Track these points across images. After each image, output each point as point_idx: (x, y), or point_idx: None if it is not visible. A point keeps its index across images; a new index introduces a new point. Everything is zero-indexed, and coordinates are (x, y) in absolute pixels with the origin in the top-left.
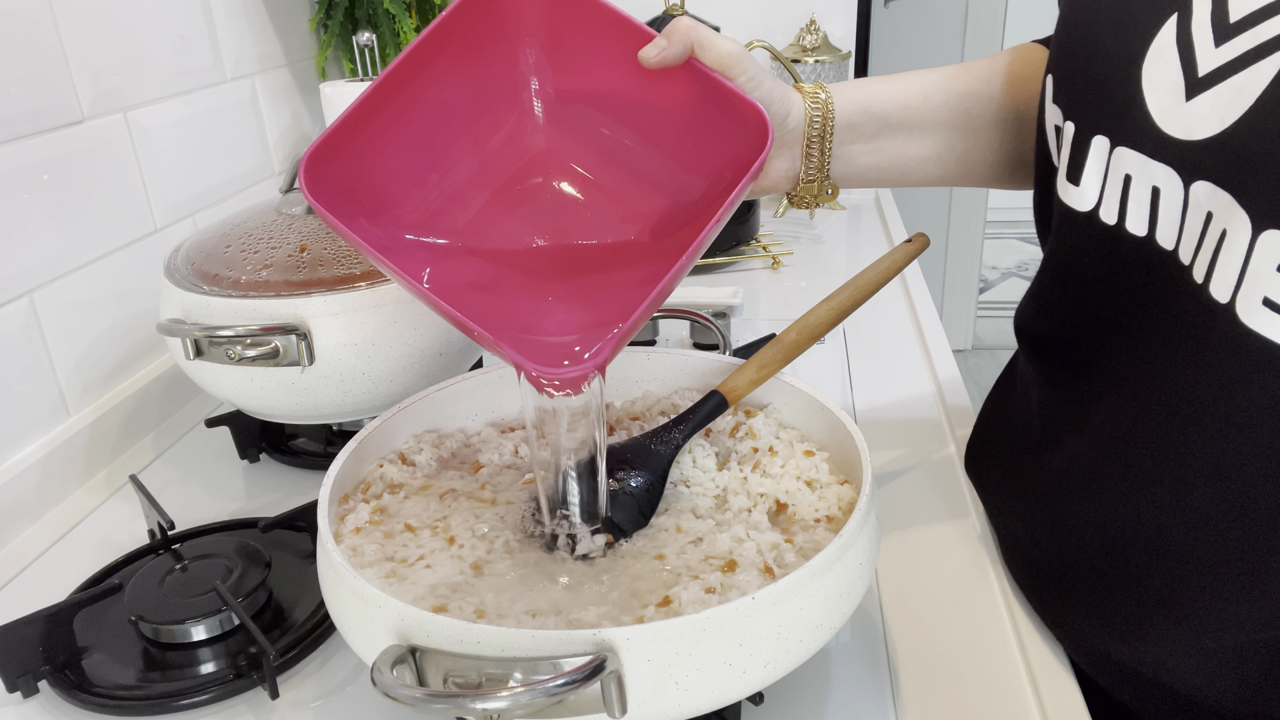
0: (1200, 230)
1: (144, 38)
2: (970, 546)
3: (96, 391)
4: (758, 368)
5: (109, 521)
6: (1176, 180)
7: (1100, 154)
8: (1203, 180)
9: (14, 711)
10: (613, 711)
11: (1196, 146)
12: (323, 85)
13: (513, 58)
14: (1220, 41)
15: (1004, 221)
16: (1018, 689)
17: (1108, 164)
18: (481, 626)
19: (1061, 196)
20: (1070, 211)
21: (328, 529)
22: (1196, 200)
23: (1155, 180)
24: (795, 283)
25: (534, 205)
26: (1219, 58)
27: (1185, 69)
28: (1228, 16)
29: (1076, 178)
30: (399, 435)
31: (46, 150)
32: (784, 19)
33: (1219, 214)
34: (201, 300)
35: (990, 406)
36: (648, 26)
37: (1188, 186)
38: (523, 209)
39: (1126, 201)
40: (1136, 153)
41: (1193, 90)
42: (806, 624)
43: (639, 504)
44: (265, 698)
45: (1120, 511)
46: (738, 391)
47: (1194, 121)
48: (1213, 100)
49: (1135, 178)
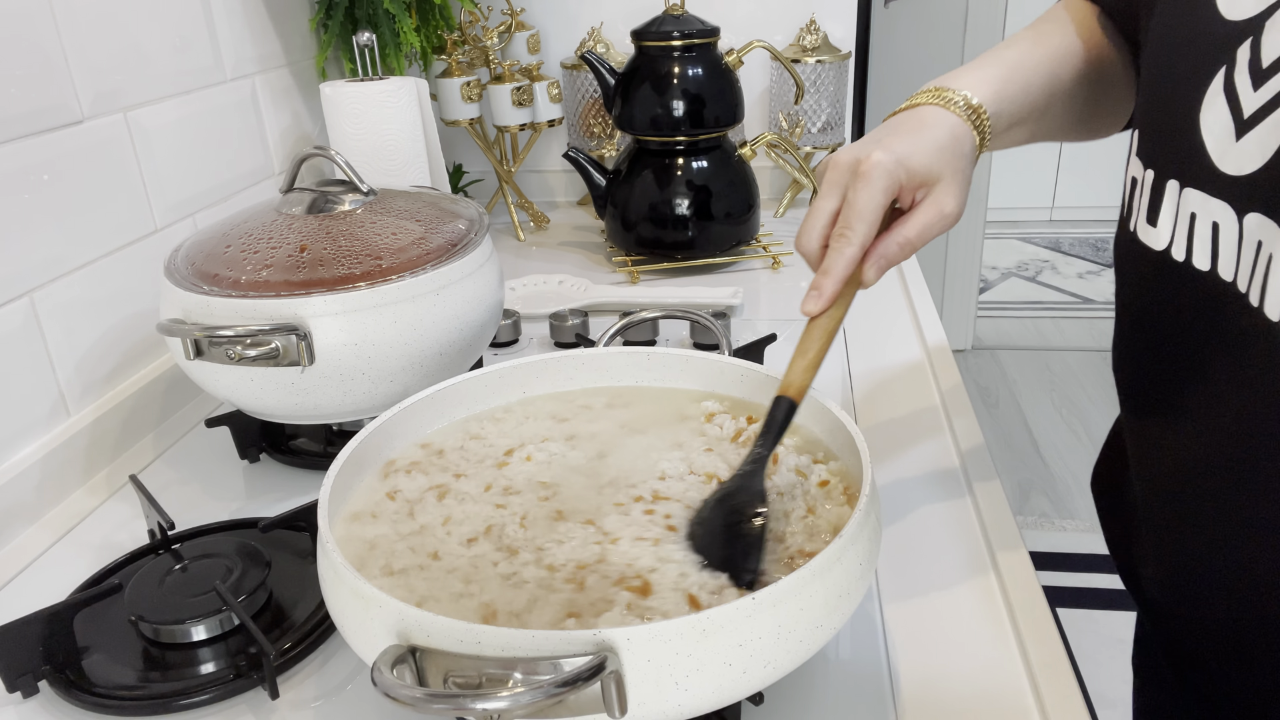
0: (1253, 258)
1: (144, 38)
2: (970, 546)
3: (96, 391)
4: (803, 354)
5: (109, 521)
6: (1231, 214)
7: (1173, 196)
8: (1254, 211)
9: (14, 711)
10: (613, 711)
11: (1246, 181)
12: (323, 85)
13: None
14: (1258, 85)
15: (1004, 221)
16: (1018, 689)
17: (1178, 205)
18: (482, 627)
19: (1140, 237)
20: (1147, 252)
21: (328, 529)
22: (1250, 231)
23: (1214, 216)
24: (795, 283)
25: None
26: (1259, 100)
27: (1233, 112)
28: (1261, 62)
29: (1155, 219)
30: (399, 435)
31: (46, 150)
32: (784, 19)
33: (1267, 241)
34: (201, 300)
35: (1113, 434)
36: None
37: (1241, 219)
38: None
39: (1192, 239)
40: (1200, 192)
41: (1241, 131)
42: (806, 624)
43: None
44: (265, 698)
45: (1199, 540)
46: (797, 386)
47: (1243, 159)
48: (1257, 138)
49: (1199, 215)
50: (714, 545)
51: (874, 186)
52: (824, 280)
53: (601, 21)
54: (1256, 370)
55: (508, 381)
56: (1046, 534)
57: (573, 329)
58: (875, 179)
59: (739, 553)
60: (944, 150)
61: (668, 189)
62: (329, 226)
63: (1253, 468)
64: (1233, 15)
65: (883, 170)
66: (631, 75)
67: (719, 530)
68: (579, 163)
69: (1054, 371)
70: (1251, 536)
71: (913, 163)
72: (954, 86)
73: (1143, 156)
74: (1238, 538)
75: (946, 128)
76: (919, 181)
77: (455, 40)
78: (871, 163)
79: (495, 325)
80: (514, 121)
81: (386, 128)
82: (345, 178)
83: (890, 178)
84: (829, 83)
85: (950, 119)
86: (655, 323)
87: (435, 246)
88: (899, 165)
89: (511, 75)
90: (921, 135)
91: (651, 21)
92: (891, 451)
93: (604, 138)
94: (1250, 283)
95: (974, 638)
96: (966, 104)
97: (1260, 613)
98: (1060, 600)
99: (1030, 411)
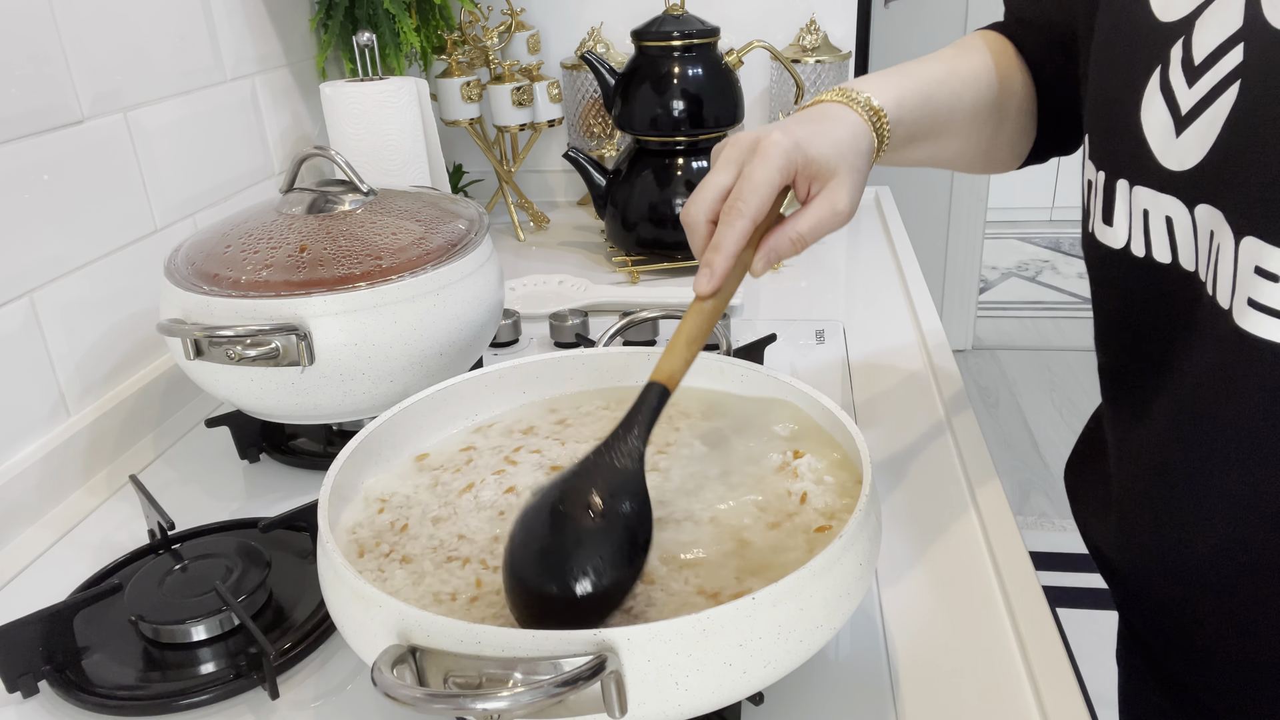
0: (1208, 247)
1: (144, 38)
2: (970, 546)
3: (96, 391)
4: (685, 344)
5: (109, 521)
6: (1182, 207)
7: (1124, 195)
8: (1202, 203)
9: (14, 711)
10: (613, 711)
11: (1189, 175)
12: (323, 85)
13: None
14: (1192, 82)
15: (1004, 221)
16: (1018, 689)
17: (1130, 202)
18: (482, 627)
19: (1099, 237)
20: (1107, 251)
21: (328, 529)
22: (1202, 222)
23: (1166, 211)
24: (795, 283)
25: None
26: (1194, 96)
27: (1171, 110)
28: (1194, 60)
29: (1110, 218)
30: (400, 435)
31: (46, 150)
32: (784, 19)
33: (1216, 230)
34: (201, 300)
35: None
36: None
37: (1192, 211)
38: None
39: (1149, 233)
40: (1148, 189)
41: (1180, 127)
42: (806, 624)
43: (634, 537)
44: (265, 698)
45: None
46: (676, 376)
47: (1185, 154)
48: (1195, 133)
49: (1151, 211)
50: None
51: (770, 164)
52: (715, 257)
53: (601, 21)
54: (1212, 355)
55: (508, 381)
56: (1046, 534)
57: (573, 329)
58: (773, 157)
59: (605, 547)
60: (843, 145)
61: (668, 189)
62: (329, 226)
63: (1211, 450)
64: (1165, 16)
65: (781, 150)
66: (631, 75)
67: (602, 520)
68: (579, 163)
69: (1054, 371)
70: (1214, 507)
71: (811, 149)
72: (859, 88)
73: (1094, 159)
74: (1202, 509)
75: (848, 124)
76: (815, 170)
77: (455, 40)
78: (770, 141)
79: (495, 325)
80: (514, 121)
81: (386, 128)
82: (345, 178)
83: (787, 158)
84: (829, 83)
85: (852, 116)
86: (655, 323)
87: (435, 246)
88: (797, 148)
89: (511, 75)
90: (823, 126)
91: (651, 21)
92: (891, 451)
93: (604, 138)
94: (1207, 271)
95: (974, 637)
96: (868, 105)
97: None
98: (1060, 600)
99: (1030, 411)
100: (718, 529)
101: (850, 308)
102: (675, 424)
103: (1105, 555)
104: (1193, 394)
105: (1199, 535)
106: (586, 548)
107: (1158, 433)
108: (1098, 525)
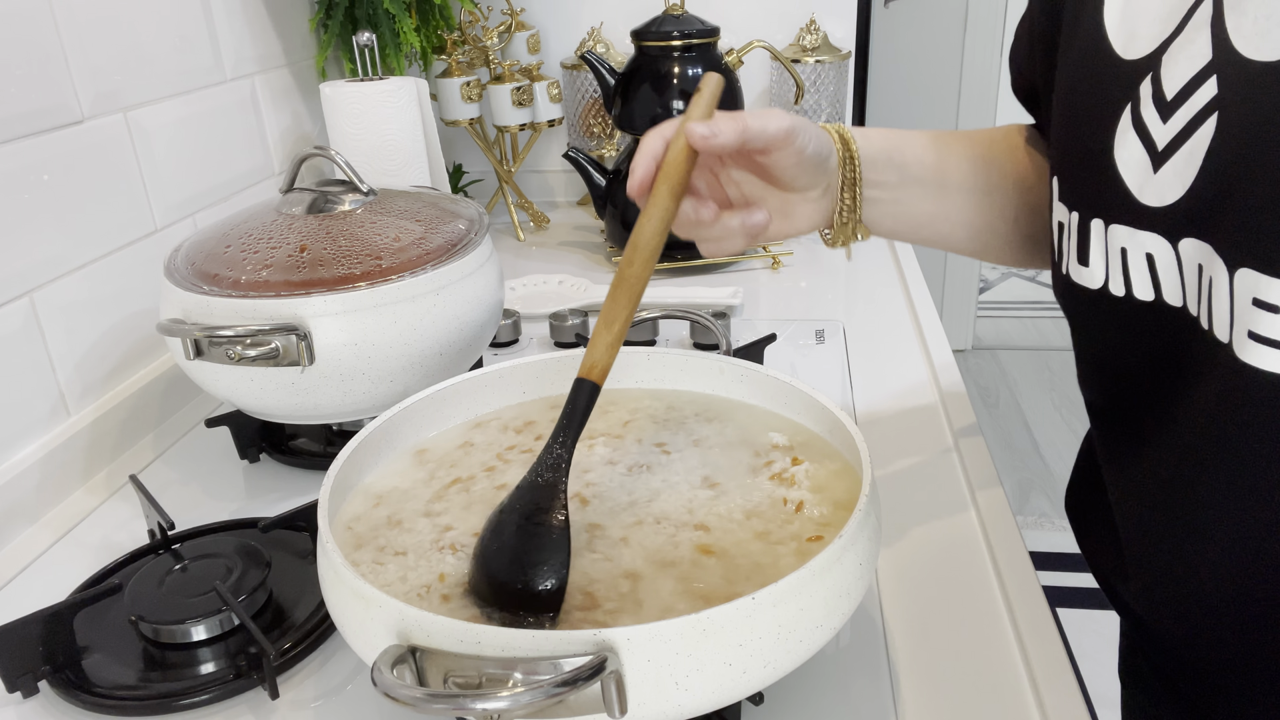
0: (1197, 281)
1: (144, 38)
2: (970, 546)
3: (96, 391)
4: (605, 326)
5: (109, 521)
6: (1164, 243)
7: (1099, 234)
8: (1188, 237)
9: (14, 711)
10: (613, 711)
11: (1170, 210)
12: (323, 85)
13: None
14: (1166, 117)
15: None
16: (1018, 689)
17: (1106, 241)
18: (481, 627)
19: (1075, 279)
20: (1084, 292)
21: (328, 529)
22: (1188, 255)
23: (1147, 247)
24: (795, 283)
25: None
26: (1170, 131)
27: (1147, 147)
28: (1165, 95)
29: (1085, 259)
30: (400, 435)
31: (46, 150)
32: (784, 19)
33: (1206, 263)
34: (201, 300)
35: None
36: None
37: (1175, 246)
38: None
39: (1128, 272)
40: (1126, 227)
41: (1157, 163)
42: (806, 624)
43: (546, 544)
44: (265, 698)
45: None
46: (600, 366)
47: (1164, 190)
48: (1174, 168)
49: (1130, 249)
50: (511, 552)
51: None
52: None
53: (601, 21)
54: (1212, 391)
55: (508, 381)
56: (1046, 534)
57: (573, 329)
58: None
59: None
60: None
61: None
62: (329, 226)
63: (1215, 488)
64: (1129, 54)
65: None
66: (631, 75)
67: (514, 535)
68: (579, 163)
69: (1054, 371)
70: (1223, 548)
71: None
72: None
73: (1065, 200)
74: (1211, 551)
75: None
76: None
77: (455, 40)
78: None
79: (495, 325)
80: (514, 121)
81: (386, 128)
82: (345, 178)
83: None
84: (829, 83)
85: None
86: (655, 323)
87: (435, 246)
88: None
89: (511, 75)
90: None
91: (651, 21)
92: (891, 452)
93: (604, 138)
94: (1199, 306)
95: (974, 638)
96: (835, 127)
97: (1239, 621)
98: (1060, 600)
99: (1030, 411)
100: (705, 533)
101: (850, 308)
102: (670, 427)
103: (1113, 588)
104: (1192, 431)
105: (1209, 576)
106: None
107: (1157, 472)
108: (1103, 557)
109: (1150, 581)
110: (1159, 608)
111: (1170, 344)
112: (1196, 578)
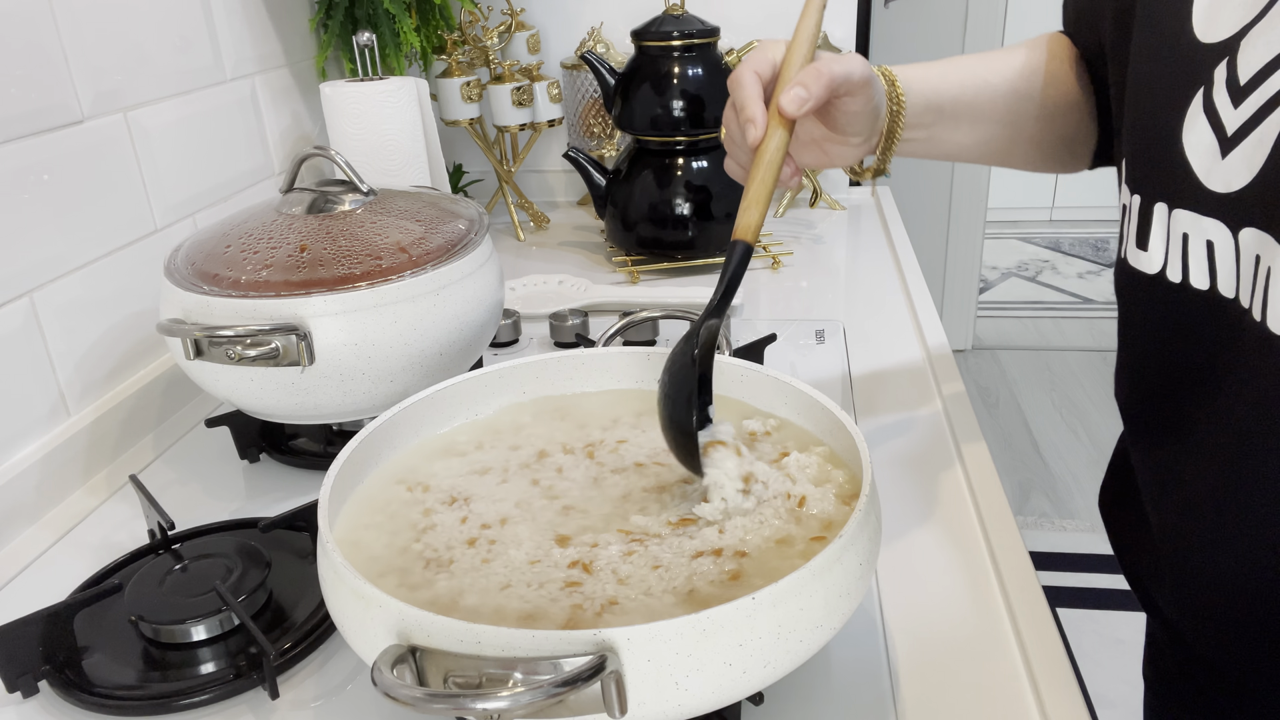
0: (1253, 273)
1: (144, 38)
2: (970, 546)
3: (96, 391)
4: (748, 195)
5: (109, 521)
6: (1225, 231)
7: (1162, 218)
8: (1248, 227)
9: (14, 711)
10: (613, 711)
11: (1235, 197)
12: (323, 85)
13: None
14: (1238, 103)
15: (1004, 221)
16: (1018, 689)
17: (1168, 226)
18: (482, 627)
19: (1132, 262)
20: (1140, 276)
21: (328, 529)
22: (1246, 246)
23: (1208, 234)
24: (795, 283)
25: None
26: (1240, 117)
27: (1216, 131)
28: (1239, 80)
29: (1145, 243)
30: (400, 435)
31: (46, 150)
32: (784, 19)
33: (1264, 254)
34: (201, 300)
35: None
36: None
37: (1236, 235)
38: None
39: (1187, 259)
40: (1190, 212)
41: (1225, 148)
42: (806, 624)
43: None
44: (265, 698)
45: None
46: (751, 227)
47: (1231, 176)
48: (1243, 154)
49: (1191, 235)
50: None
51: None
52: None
53: (601, 21)
54: (1263, 385)
55: (508, 381)
56: (1046, 534)
57: (573, 329)
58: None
59: (696, 390)
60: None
61: (668, 189)
62: (329, 226)
63: (1258, 482)
64: (1208, 38)
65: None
66: (631, 75)
67: (682, 372)
68: (579, 163)
69: (1054, 371)
70: (1263, 550)
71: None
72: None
73: (1129, 182)
74: (1249, 553)
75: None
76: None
77: (455, 40)
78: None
79: (495, 325)
80: (514, 121)
81: (386, 128)
82: (345, 178)
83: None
84: None
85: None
86: (655, 323)
87: (435, 246)
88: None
89: (511, 75)
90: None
91: (651, 21)
92: (891, 451)
93: (604, 138)
94: (1252, 298)
95: (974, 638)
96: (880, 68)
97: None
98: (1060, 600)
99: (1030, 411)
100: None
101: (850, 308)
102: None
103: (1144, 587)
104: (1242, 430)
105: (1246, 578)
106: (663, 388)
107: (1203, 475)
108: (1136, 556)
109: (1181, 581)
110: (1190, 609)
111: (1218, 336)
112: (1231, 580)
